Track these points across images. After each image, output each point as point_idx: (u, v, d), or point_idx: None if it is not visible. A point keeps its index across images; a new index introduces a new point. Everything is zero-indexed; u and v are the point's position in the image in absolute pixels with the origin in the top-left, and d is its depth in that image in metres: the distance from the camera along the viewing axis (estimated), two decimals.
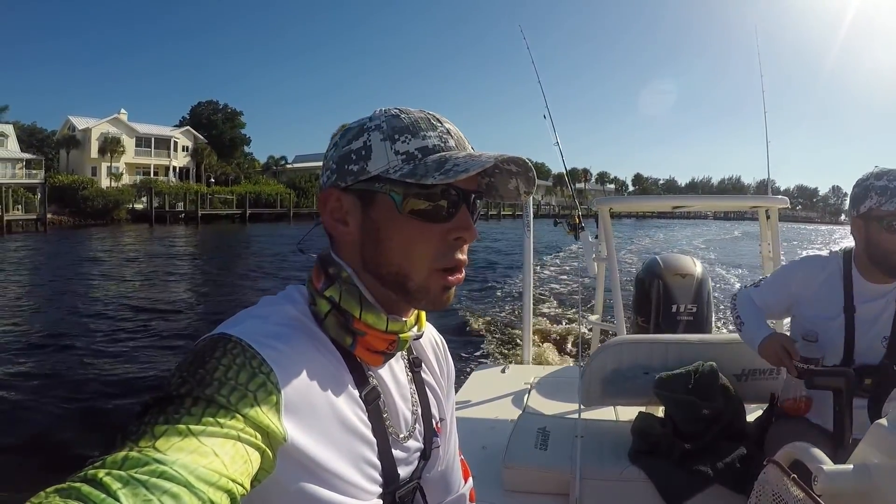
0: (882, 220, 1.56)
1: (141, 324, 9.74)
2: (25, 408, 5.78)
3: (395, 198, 0.65)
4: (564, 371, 3.88)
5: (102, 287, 13.87)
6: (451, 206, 0.66)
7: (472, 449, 2.30)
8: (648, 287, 3.16)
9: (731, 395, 1.99)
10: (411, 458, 0.76)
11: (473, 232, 0.68)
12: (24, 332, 9.16)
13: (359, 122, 0.70)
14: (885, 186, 1.55)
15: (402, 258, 0.67)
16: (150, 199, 44.67)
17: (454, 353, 0.93)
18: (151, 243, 28.27)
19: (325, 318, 0.68)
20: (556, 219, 3.85)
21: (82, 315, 10.54)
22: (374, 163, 0.66)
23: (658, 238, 34.61)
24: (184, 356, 0.59)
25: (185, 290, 13.81)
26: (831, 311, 1.68)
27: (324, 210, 0.70)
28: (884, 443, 0.90)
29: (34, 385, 6.51)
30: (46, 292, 13.27)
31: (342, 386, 0.66)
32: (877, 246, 1.59)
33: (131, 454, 0.46)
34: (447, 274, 0.68)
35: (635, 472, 1.92)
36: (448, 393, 0.89)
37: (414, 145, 0.66)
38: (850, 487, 0.90)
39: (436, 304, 0.69)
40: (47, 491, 0.43)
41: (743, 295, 1.93)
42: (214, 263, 20.00)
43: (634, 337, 2.50)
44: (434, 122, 0.68)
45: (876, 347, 1.63)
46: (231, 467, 0.50)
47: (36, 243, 26.82)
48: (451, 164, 0.63)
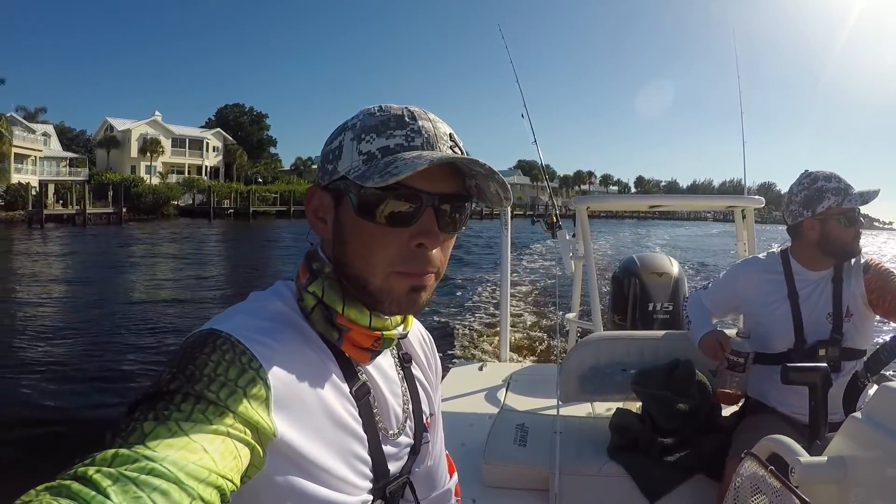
0: (840, 218, 1.78)
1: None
2: (34, 397, 5.81)
3: (352, 199, 0.64)
4: (542, 368, 3.91)
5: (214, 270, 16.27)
6: (413, 209, 0.63)
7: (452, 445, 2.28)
8: (625, 286, 3.19)
9: (707, 390, 2.02)
10: (401, 454, 0.76)
11: (435, 239, 0.64)
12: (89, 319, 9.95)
13: (343, 122, 0.69)
14: (838, 187, 1.78)
15: (360, 260, 0.65)
16: (209, 196, 50.32)
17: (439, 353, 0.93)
18: (228, 235, 33.67)
19: (312, 312, 0.67)
20: (534, 217, 3.87)
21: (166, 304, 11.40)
22: (342, 163, 0.65)
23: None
24: (173, 352, 0.58)
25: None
26: (777, 301, 1.89)
27: (308, 207, 0.70)
28: (858, 435, 0.93)
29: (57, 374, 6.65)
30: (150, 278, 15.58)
31: (332, 381, 0.66)
32: (837, 239, 1.81)
33: (121, 451, 0.46)
34: (410, 276, 0.64)
35: (614, 468, 1.94)
36: (436, 388, 0.89)
37: (376, 145, 0.64)
38: (826, 478, 0.92)
39: (404, 306, 0.66)
40: (37, 489, 0.42)
41: (693, 297, 2.15)
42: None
43: (612, 333, 2.52)
44: (408, 120, 0.65)
45: (823, 324, 1.83)
46: (221, 463, 0.50)
47: (106, 235, 30.84)
48: (394, 165, 0.60)
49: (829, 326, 1.82)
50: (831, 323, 1.82)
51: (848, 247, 1.81)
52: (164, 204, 47.43)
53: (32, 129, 46.94)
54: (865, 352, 1.84)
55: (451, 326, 8.81)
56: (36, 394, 6.01)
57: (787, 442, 0.99)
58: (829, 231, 1.81)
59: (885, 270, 1.83)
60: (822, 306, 1.84)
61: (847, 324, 1.82)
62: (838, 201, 1.77)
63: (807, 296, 1.86)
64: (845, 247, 1.81)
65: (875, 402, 0.94)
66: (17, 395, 5.99)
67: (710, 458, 1.86)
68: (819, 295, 1.86)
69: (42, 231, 32.26)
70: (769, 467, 0.95)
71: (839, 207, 1.77)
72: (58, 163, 49.18)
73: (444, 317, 9.43)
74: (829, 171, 1.83)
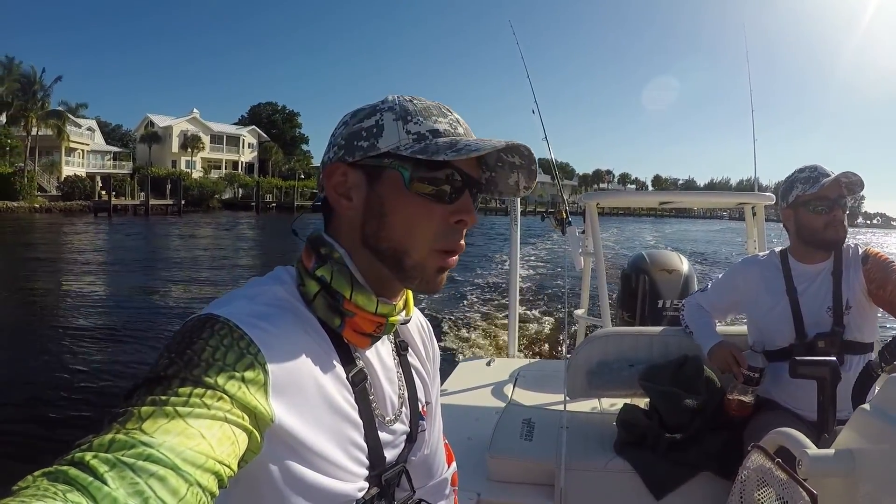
0: (808, 204, 1.82)
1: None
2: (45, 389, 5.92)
3: (404, 174, 0.66)
4: (550, 364, 3.89)
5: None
6: (455, 189, 0.67)
7: (458, 439, 2.30)
8: (635, 282, 3.18)
9: (716, 386, 2.00)
10: (398, 441, 0.76)
11: (474, 216, 0.69)
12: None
13: (370, 105, 0.71)
14: (808, 177, 1.83)
15: (404, 234, 0.67)
16: (256, 191, 54.37)
17: (440, 345, 0.93)
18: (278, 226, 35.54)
19: (314, 298, 0.67)
20: (544, 213, 3.86)
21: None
22: (385, 140, 0.67)
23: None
24: (171, 337, 0.58)
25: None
26: (776, 297, 1.89)
27: (328, 184, 0.70)
28: (867, 428, 0.91)
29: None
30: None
31: (329, 367, 0.66)
32: (807, 227, 1.83)
33: (118, 436, 0.46)
34: (445, 255, 0.69)
35: (620, 464, 1.93)
36: (434, 377, 0.89)
37: (426, 127, 0.67)
38: (834, 471, 0.91)
39: (429, 284, 0.70)
40: (35, 475, 0.42)
41: (690, 303, 2.15)
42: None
43: (620, 329, 2.51)
44: (445, 111, 0.70)
45: (824, 317, 1.82)
46: (218, 449, 0.50)
47: (176, 224, 34.14)
48: (463, 144, 0.64)
49: (829, 320, 1.81)
50: (831, 316, 1.81)
51: (819, 234, 1.81)
52: (210, 197, 51.48)
53: (79, 123, 49.29)
54: (871, 345, 1.82)
55: (461, 321, 8.82)
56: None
57: (794, 434, 0.98)
58: (800, 219, 1.85)
59: (885, 260, 1.80)
60: (821, 300, 1.83)
61: (847, 317, 1.80)
62: (805, 189, 1.81)
63: (805, 290, 1.86)
64: (816, 233, 1.81)
65: (884, 394, 0.93)
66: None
67: (717, 454, 1.85)
68: (818, 288, 1.85)
69: (109, 221, 35.57)
70: (776, 459, 0.94)
71: (804, 195, 1.81)
72: (103, 156, 53.17)
73: (453, 310, 9.44)
74: (813, 163, 1.85)
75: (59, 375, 6.15)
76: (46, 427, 4.85)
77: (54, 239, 23.30)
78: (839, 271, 1.83)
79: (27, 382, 5.96)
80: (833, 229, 1.79)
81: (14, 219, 33.16)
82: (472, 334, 8.08)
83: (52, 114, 44.07)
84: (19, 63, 43.57)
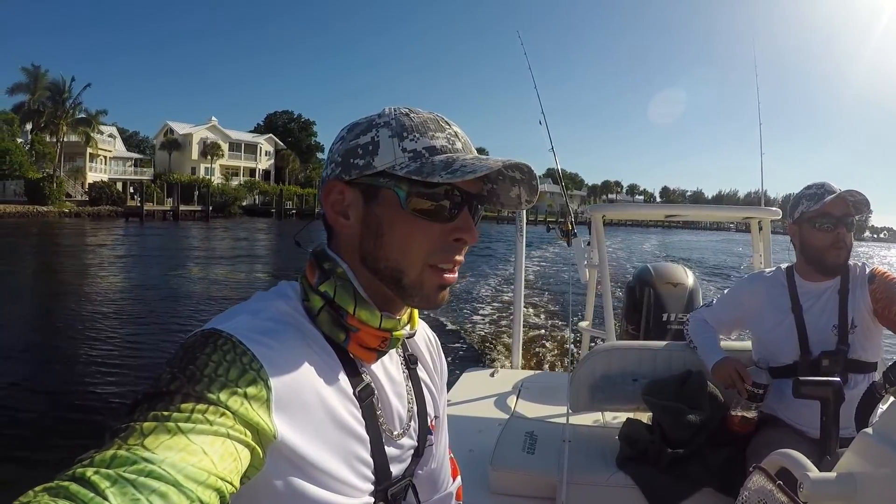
0: (812, 221, 1.80)
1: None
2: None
3: (399, 194, 0.66)
4: (553, 376, 3.88)
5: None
6: (454, 206, 0.67)
7: (460, 451, 2.28)
8: (639, 295, 3.16)
9: (719, 402, 1.99)
10: (405, 456, 0.76)
11: (474, 234, 0.68)
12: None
13: (367, 119, 0.70)
14: (813, 193, 1.82)
15: (400, 253, 0.67)
16: (279, 198, 56.51)
17: (445, 355, 0.93)
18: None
19: (319, 313, 0.67)
20: (549, 225, 3.86)
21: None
22: (380, 158, 0.66)
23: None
24: (174, 351, 0.58)
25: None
26: (781, 314, 1.88)
27: (325, 202, 0.70)
28: (869, 452, 0.91)
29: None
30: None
31: (335, 382, 0.66)
32: (811, 245, 1.83)
33: (119, 452, 0.46)
34: (442, 272, 0.68)
35: (622, 478, 1.92)
36: (441, 390, 0.89)
37: (422, 144, 0.66)
38: (835, 495, 0.90)
39: (430, 301, 0.69)
40: (35, 490, 0.42)
41: (695, 318, 2.13)
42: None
43: (624, 343, 2.50)
44: (443, 125, 0.69)
45: (829, 336, 1.81)
46: (220, 465, 0.49)
47: (206, 229, 35.16)
48: (459, 164, 0.63)
49: (834, 338, 1.80)
50: (836, 335, 1.79)
51: (823, 252, 1.79)
52: (231, 203, 53.01)
53: (101, 130, 50.42)
54: (875, 365, 1.80)
55: (465, 332, 8.79)
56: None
57: (796, 456, 0.98)
58: (805, 236, 1.84)
59: (892, 280, 1.77)
60: (826, 318, 1.82)
61: (853, 335, 1.78)
62: (809, 206, 1.80)
63: (810, 308, 1.85)
64: (820, 252, 1.80)
65: (886, 418, 0.92)
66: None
67: (720, 471, 1.84)
68: (824, 306, 1.83)
69: (141, 226, 36.64)
70: (777, 482, 0.94)
71: (809, 211, 1.80)
72: (124, 162, 54.84)
73: (458, 321, 9.42)
74: (821, 181, 1.84)
75: (87, 381, 6.10)
76: (63, 435, 4.77)
77: (100, 241, 24.19)
78: (846, 290, 1.82)
79: (48, 392, 5.86)
80: (836, 251, 1.78)
81: (46, 223, 33.85)
82: (476, 344, 8.07)
83: (82, 121, 45.83)
84: (45, 71, 44.69)
